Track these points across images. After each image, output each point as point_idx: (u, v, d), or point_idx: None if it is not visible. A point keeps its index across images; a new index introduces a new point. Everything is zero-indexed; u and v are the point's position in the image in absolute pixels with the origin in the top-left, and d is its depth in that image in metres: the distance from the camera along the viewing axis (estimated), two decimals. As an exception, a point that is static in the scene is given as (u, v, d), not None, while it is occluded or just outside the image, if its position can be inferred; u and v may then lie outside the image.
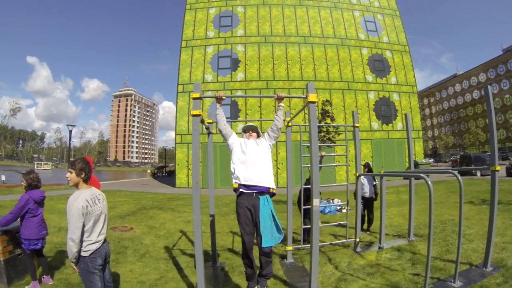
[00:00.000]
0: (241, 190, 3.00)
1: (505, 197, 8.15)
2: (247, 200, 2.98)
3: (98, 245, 2.40)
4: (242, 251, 3.11)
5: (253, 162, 3.04)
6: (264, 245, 2.88)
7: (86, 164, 2.48)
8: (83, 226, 2.30)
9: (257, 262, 3.19)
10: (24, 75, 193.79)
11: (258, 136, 3.42)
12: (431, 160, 40.66)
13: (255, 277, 3.19)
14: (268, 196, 3.03)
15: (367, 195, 6.32)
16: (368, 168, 6.57)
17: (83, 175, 2.43)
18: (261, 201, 2.96)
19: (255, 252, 3.10)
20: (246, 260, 3.11)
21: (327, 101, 12.23)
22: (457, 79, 63.19)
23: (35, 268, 3.69)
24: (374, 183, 6.44)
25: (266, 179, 3.03)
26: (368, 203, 6.36)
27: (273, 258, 4.71)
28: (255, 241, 3.06)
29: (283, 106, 3.30)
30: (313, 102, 2.96)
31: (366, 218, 6.41)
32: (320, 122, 10.71)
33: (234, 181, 3.07)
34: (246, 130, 3.44)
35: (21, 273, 3.88)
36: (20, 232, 3.62)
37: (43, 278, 3.79)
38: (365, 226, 6.34)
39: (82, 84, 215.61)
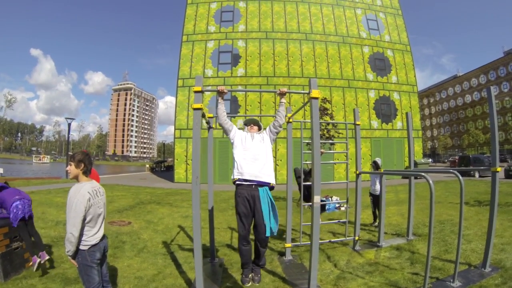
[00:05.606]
0: (240, 182, 3.05)
1: (504, 199, 8.16)
2: (246, 190, 3.01)
3: (97, 239, 2.37)
4: (238, 237, 3.13)
5: (255, 158, 3.07)
6: (265, 234, 2.96)
7: (85, 156, 2.43)
8: (84, 220, 2.26)
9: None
10: (28, 68, 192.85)
11: (259, 129, 3.44)
12: (430, 160, 40.78)
13: (250, 264, 3.24)
14: (267, 188, 3.06)
15: (377, 192, 6.33)
16: (375, 166, 6.57)
17: (82, 167, 2.39)
18: (261, 192, 2.99)
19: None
20: (243, 242, 3.09)
21: (325, 99, 12.18)
22: (458, 80, 63.12)
23: (31, 243, 3.79)
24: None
25: (267, 175, 3.06)
26: (376, 200, 6.38)
27: (271, 255, 4.73)
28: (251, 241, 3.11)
29: (285, 102, 3.30)
30: (316, 98, 2.92)
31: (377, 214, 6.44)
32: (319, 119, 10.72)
33: (234, 175, 3.08)
34: (247, 123, 3.48)
35: (17, 267, 3.85)
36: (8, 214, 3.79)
37: (39, 253, 3.86)
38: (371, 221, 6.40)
39: (85, 77, 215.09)
